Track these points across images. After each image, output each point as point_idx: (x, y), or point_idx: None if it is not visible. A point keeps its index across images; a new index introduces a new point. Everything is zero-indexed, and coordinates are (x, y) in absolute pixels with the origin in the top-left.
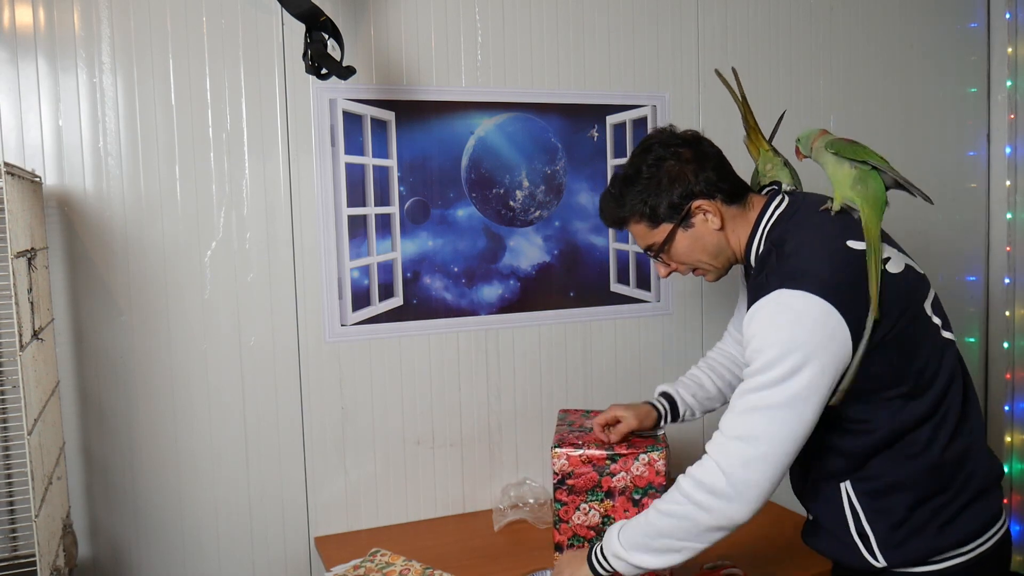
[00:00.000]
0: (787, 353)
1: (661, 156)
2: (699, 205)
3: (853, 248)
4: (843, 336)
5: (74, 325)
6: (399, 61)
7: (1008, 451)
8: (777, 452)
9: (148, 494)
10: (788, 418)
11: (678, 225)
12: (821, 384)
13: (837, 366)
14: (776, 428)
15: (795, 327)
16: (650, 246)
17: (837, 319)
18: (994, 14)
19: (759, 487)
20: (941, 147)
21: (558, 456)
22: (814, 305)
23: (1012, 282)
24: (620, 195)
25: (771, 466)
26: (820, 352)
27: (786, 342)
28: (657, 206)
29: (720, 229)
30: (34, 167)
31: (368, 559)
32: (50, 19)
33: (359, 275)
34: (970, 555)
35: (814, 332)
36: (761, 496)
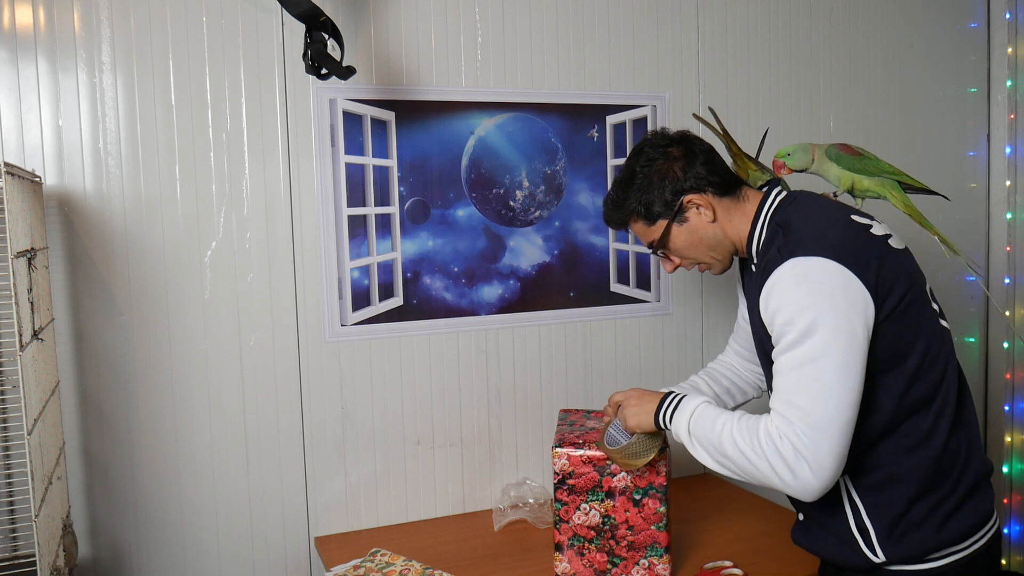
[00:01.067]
0: (819, 318)
1: (652, 157)
2: (690, 199)
3: (858, 222)
4: (864, 297)
5: (74, 325)
6: (399, 61)
7: (1008, 451)
8: (840, 425)
9: (148, 494)
10: (841, 382)
11: (672, 220)
12: (858, 343)
13: (867, 325)
14: (835, 400)
15: (818, 293)
16: (651, 243)
17: (856, 281)
18: (994, 14)
19: (831, 467)
20: (941, 147)
21: (559, 456)
22: (831, 268)
23: (1012, 282)
24: (618, 198)
25: (838, 435)
26: (849, 313)
27: (815, 307)
28: (650, 204)
29: (714, 221)
30: (34, 167)
31: (368, 559)
32: (50, 19)
33: (359, 275)
34: (965, 552)
35: (835, 294)
36: (832, 478)
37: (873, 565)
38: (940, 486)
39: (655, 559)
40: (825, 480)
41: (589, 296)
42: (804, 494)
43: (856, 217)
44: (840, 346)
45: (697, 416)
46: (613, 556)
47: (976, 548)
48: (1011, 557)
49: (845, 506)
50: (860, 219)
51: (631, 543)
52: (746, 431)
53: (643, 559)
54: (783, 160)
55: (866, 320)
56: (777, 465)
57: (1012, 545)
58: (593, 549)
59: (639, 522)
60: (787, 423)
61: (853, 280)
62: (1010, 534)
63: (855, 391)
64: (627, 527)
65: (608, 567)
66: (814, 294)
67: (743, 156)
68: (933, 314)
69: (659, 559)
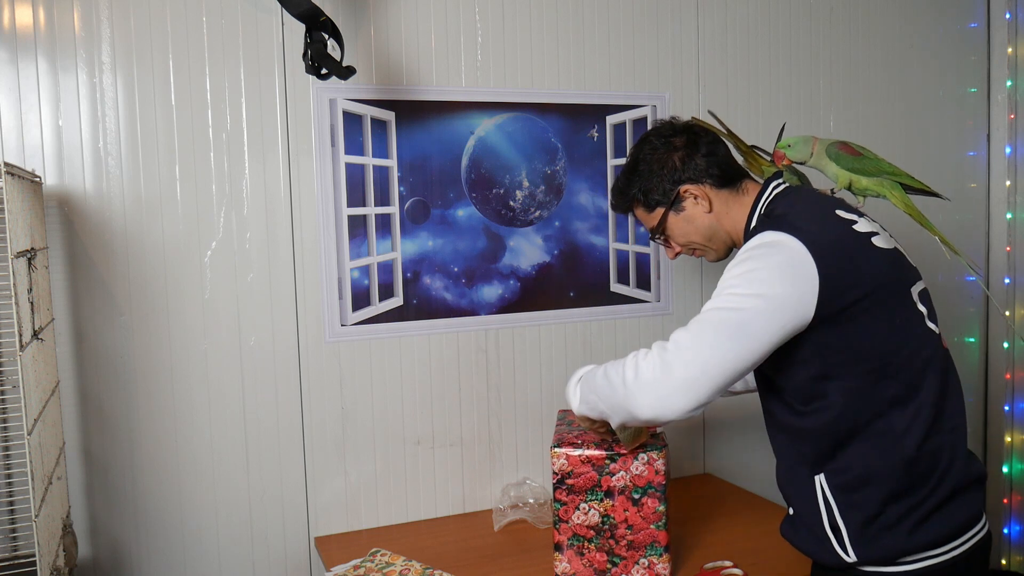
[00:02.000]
0: (753, 277)
1: (655, 146)
2: (687, 189)
3: (842, 216)
4: (812, 281)
5: (74, 325)
6: (399, 61)
7: (1008, 451)
8: (705, 359)
9: (148, 494)
10: (732, 333)
11: (669, 208)
12: (774, 314)
13: (801, 306)
14: (719, 339)
15: (766, 257)
16: (650, 229)
17: (810, 263)
18: (994, 14)
19: (672, 387)
20: (941, 147)
21: (558, 456)
22: (791, 243)
23: (1012, 282)
24: (622, 185)
25: (695, 372)
26: (786, 286)
27: (755, 268)
28: (649, 192)
29: (710, 211)
30: (34, 167)
31: (368, 559)
32: (50, 19)
33: (359, 275)
34: (943, 558)
35: (783, 265)
36: (669, 396)
37: (846, 564)
38: (916, 489)
39: (655, 558)
40: (662, 392)
41: (589, 296)
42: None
43: (842, 212)
44: (757, 303)
45: (586, 374)
46: (613, 555)
47: (956, 554)
48: (1011, 557)
49: (820, 504)
50: (845, 214)
51: (631, 542)
52: (618, 360)
53: (643, 558)
54: (783, 151)
55: (801, 301)
56: (628, 371)
57: (1012, 545)
58: (593, 549)
59: (638, 521)
60: (662, 341)
61: (808, 262)
62: (1010, 534)
63: (748, 347)
64: (626, 526)
65: (608, 566)
66: (764, 257)
67: (753, 153)
68: (915, 316)
69: (659, 558)
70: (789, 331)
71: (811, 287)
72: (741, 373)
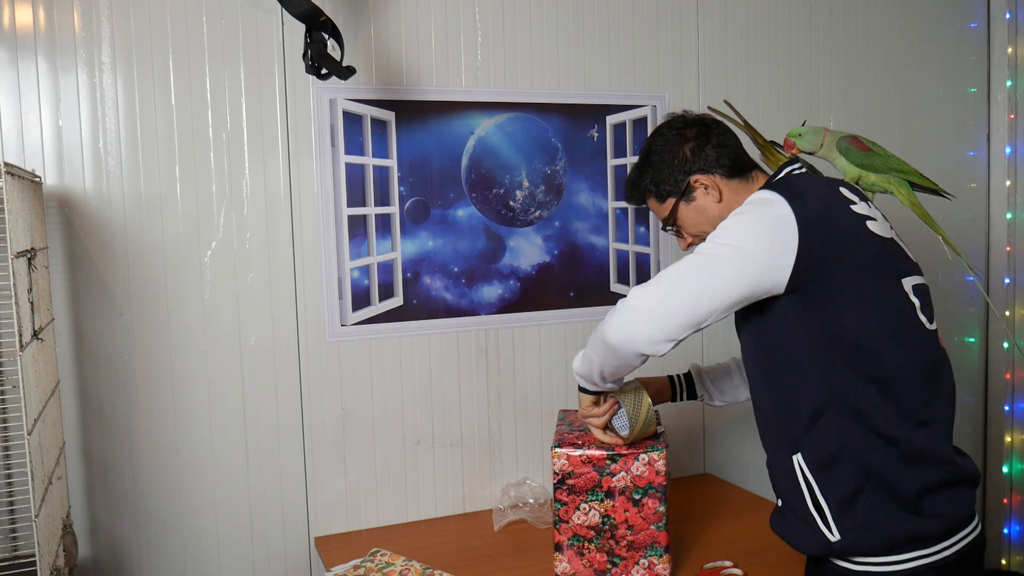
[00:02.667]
0: (731, 230)
1: (666, 137)
2: (697, 179)
3: (843, 194)
4: (789, 245)
5: (74, 325)
6: (399, 61)
7: (1008, 451)
8: (664, 297)
9: (148, 494)
10: (700, 273)
11: (680, 199)
12: (742, 264)
13: (772, 266)
14: (686, 277)
15: (749, 215)
16: (662, 220)
17: (793, 229)
18: (994, 14)
19: (640, 313)
20: (941, 147)
21: (558, 456)
22: (780, 206)
23: (1012, 282)
24: (635, 176)
25: (650, 308)
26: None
27: (736, 223)
28: (660, 182)
29: (720, 201)
30: (34, 167)
31: (368, 559)
32: (50, 19)
33: (359, 275)
34: (933, 557)
35: (763, 223)
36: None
37: (830, 545)
38: (896, 470)
39: (655, 559)
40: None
41: (589, 296)
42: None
43: (845, 190)
44: (727, 251)
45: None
46: (613, 556)
47: (947, 554)
48: (1011, 557)
49: (801, 484)
50: (847, 193)
51: (631, 543)
52: None
53: (643, 559)
54: (793, 140)
55: (774, 263)
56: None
57: (1012, 545)
58: (593, 549)
59: (639, 522)
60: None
61: (791, 224)
62: (1010, 534)
63: (712, 289)
64: (627, 527)
65: (608, 567)
66: (747, 214)
67: (771, 147)
68: (905, 306)
69: (659, 559)
70: (757, 289)
71: (788, 251)
72: (702, 314)
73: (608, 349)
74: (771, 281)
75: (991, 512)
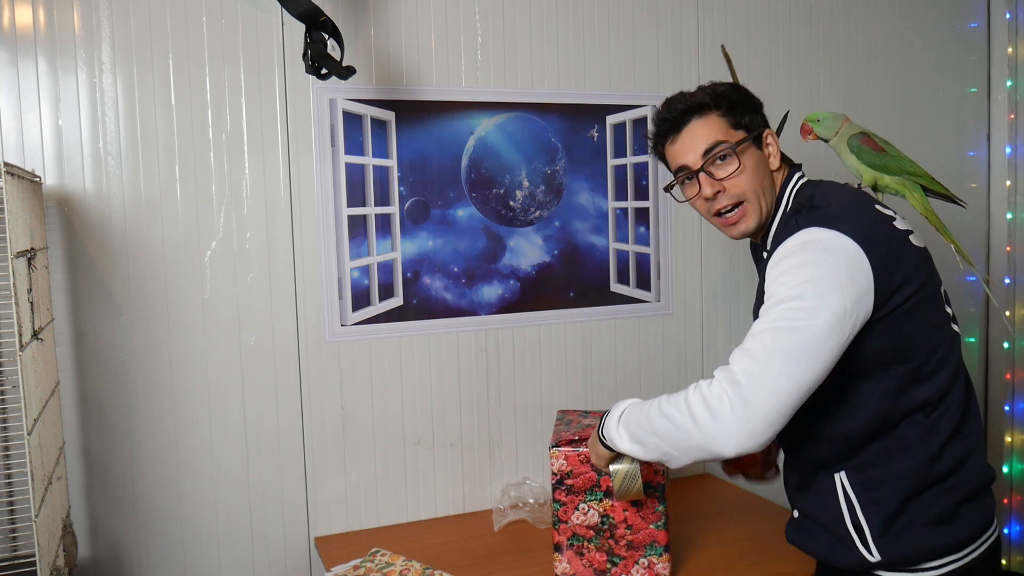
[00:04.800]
0: (814, 284)
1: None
2: (770, 133)
3: (882, 212)
4: (868, 281)
5: (74, 325)
6: (399, 61)
7: (1008, 451)
8: (782, 388)
9: (148, 494)
10: (803, 355)
11: (753, 139)
12: (841, 327)
13: (860, 309)
14: (791, 364)
15: (823, 263)
16: (717, 143)
17: (866, 263)
18: (994, 14)
19: (754, 422)
20: (941, 147)
21: (556, 456)
22: (846, 245)
23: (1012, 282)
24: (711, 86)
25: (774, 403)
26: (847, 290)
27: (815, 273)
28: (746, 106)
29: (776, 170)
30: (34, 167)
31: (368, 559)
32: (50, 19)
33: (359, 275)
34: (963, 561)
35: (840, 268)
36: (753, 432)
37: (868, 564)
38: (935, 488)
39: (654, 558)
40: (746, 427)
41: (589, 296)
42: (721, 441)
43: (881, 208)
44: (825, 317)
45: (628, 412)
46: (612, 555)
47: (973, 557)
48: (1011, 557)
49: (841, 502)
50: (885, 211)
51: (630, 542)
52: (674, 395)
53: (642, 558)
54: (811, 125)
55: (860, 304)
56: (697, 411)
57: (1012, 545)
58: (592, 549)
59: (638, 521)
60: (727, 370)
61: (864, 261)
62: (1010, 534)
63: (820, 366)
64: (626, 526)
65: (608, 566)
66: (819, 262)
67: None
68: (946, 317)
69: (659, 558)
70: (854, 334)
71: (868, 286)
72: (815, 388)
73: (713, 456)
74: (863, 320)
75: None
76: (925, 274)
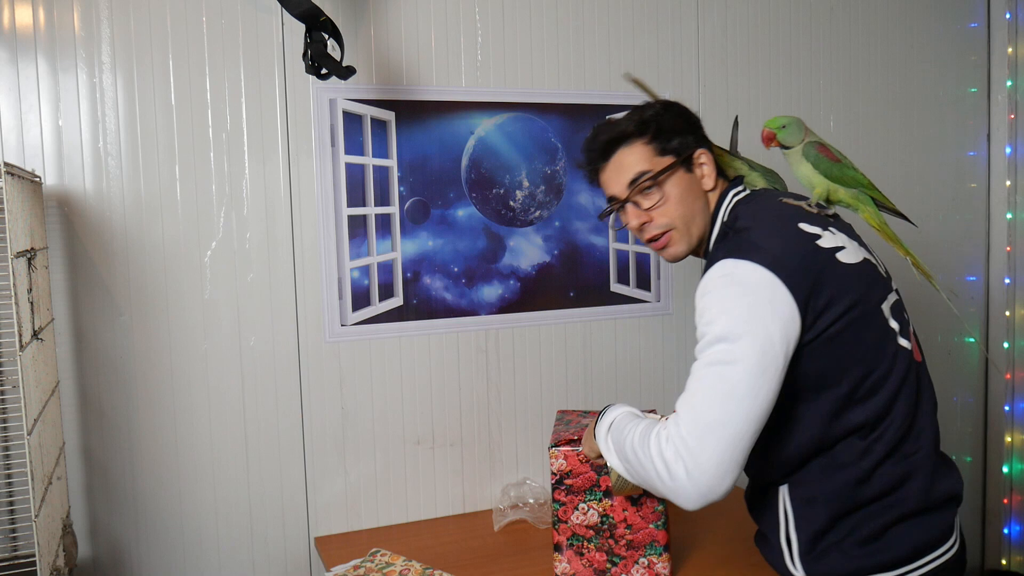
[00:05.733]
0: (737, 323)
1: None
2: (702, 153)
3: (805, 231)
4: (791, 309)
5: (74, 325)
6: (399, 61)
7: (1008, 451)
8: (728, 436)
9: (148, 494)
10: (741, 399)
11: (681, 162)
12: (772, 360)
13: (788, 337)
14: (730, 411)
15: (741, 297)
16: (641, 174)
17: (784, 291)
18: (994, 14)
19: (709, 480)
20: (941, 147)
21: (556, 456)
22: (760, 274)
23: (1012, 282)
24: (628, 115)
25: (722, 455)
26: (770, 322)
27: (735, 311)
28: (668, 131)
29: (709, 189)
30: (34, 167)
31: (368, 559)
32: (50, 19)
33: (359, 275)
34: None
35: (759, 301)
36: (712, 487)
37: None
38: (865, 509)
39: (654, 558)
40: (702, 487)
41: (589, 296)
42: (682, 500)
43: (805, 226)
44: (753, 354)
45: (615, 426)
46: (612, 555)
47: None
48: (1011, 557)
49: (780, 516)
50: (809, 228)
51: (630, 542)
52: (644, 434)
53: (642, 558)
54: (775, 131)
55: (786, 332)
56: (659, 466)
57: (1012, 545)
58: (592, 548)
59: (637, 521)
60: (676, 424)
61: (781, 290)
62: (1010, 534)
63: (760, 402)
64: (625, 526)
65: (608, 566)
66: (737, 298)
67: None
68: (887, 334)
69: (658, 558)
70: (789, 359)
71: (791, 312)
72: (764, 420)
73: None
74: (794, 344)
75: (991, 512)
76: (857, 292)
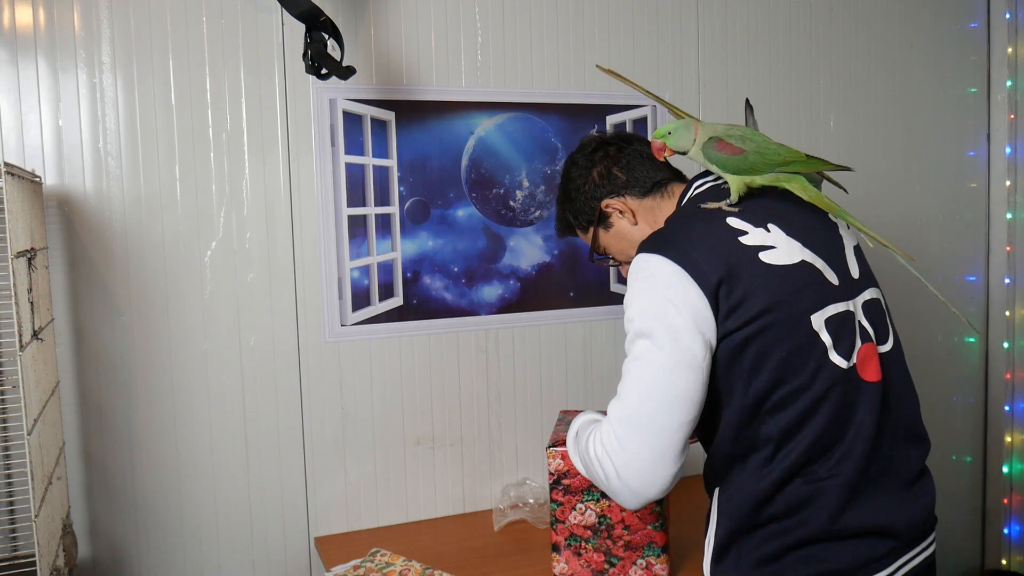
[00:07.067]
0: (647, 317)
1: (579, 165)
2: (608, 204)
3: (731, 226)
4: (699, 299)
5: (74, 325)
6: (399, 61)
7: (1008, 451)
8: (655, 432)
9: (148, 494)
10: (663, 396)
11: (597, 227)
12: (689, 352)
13: (700, 328)
14: (653, 408)
15: (650, 291)
16: (591, 249)
17: (690, 283)
18: (994, 14)
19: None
20: (941, 147)
21: (553, 456)
22: (666, 267)
23: (1012, 282)
24: (558, 211)
25: (651, 452)
26: (677, 316)
27: (645, 306)
28: (578, 212)
29: (636, 224)
30: (34, 167)
31: (368, 559)
32: (50, 19)
33: (359, 275)
34: None
35: (668, 295)
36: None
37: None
38: (763, 528)
39: (652, 559)
40: (632, 483)
41: (589, 296)
42: (621, 499)
43: (734, 221)
44: (666, 346)
45: (579, 433)
46: (610, 556)
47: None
48: (1011, 557)
49: (711, 516)
50: (738, 223)
51: (628, 543)
52: (591, 439)
53: (640, 559)
54: (662, 141)
55: (697, 323)
56: (596, 466)
57: (1012, 545)
58: (590, 549)
59: (635, 522)
60: (607, 423)
61: (687, 281)
62: (1010, 534)
63: (679, 393)
64: (623, 527)
65: (606, 567)
66: (646, 291)
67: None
68: (812, 346)
69: (656, 559)
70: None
71: (703, 304)
72: (696, 413)
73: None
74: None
75: (991, 512)
76: (777, 295)
